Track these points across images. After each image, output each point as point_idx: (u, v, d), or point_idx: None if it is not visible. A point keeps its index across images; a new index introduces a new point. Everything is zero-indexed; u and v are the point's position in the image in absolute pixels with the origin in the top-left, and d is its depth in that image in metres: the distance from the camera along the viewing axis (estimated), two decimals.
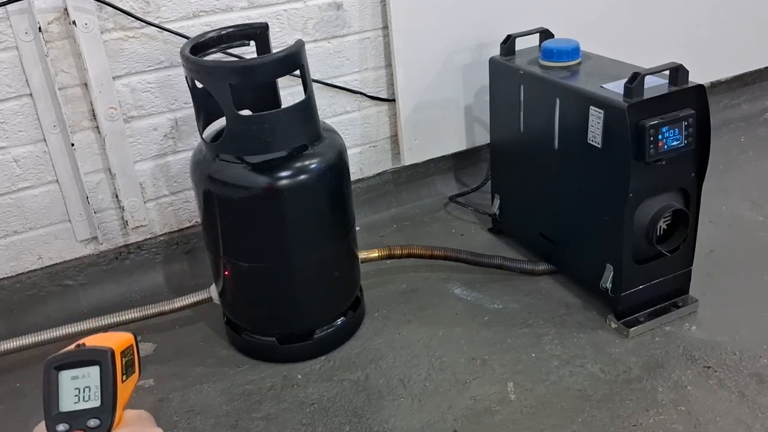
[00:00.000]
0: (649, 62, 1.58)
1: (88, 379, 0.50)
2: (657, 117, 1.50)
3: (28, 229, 1.82)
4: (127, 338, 0.55)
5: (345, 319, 1.72)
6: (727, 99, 2.78)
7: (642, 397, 1.49)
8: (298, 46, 1.48)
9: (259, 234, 1.54)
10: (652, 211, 1.60)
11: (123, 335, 0.56)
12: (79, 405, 0.49)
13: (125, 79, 1.78)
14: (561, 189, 1.79)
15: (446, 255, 1.91)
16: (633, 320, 1.68)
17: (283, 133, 1.49)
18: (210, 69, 1.45)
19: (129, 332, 0.58)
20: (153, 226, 1.96)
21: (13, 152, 1.73)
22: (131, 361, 0.53)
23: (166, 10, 1.77)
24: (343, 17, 2.00)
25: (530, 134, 1.85)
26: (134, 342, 0.55)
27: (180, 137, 1.90)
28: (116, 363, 0.51)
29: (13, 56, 1.65)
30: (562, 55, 1.77)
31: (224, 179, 1.51)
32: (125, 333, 0.56)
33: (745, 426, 1.41)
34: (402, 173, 2.30)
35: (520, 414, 1.48)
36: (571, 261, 1.86)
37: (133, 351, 0.54)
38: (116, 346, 0.52)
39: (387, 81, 2.14)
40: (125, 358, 0.52)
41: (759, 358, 1.57)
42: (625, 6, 2.31)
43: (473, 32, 2.11)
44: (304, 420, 1.50)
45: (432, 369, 1.62)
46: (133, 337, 0.55)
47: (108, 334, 0.56)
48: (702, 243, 1.79)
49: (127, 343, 0.54)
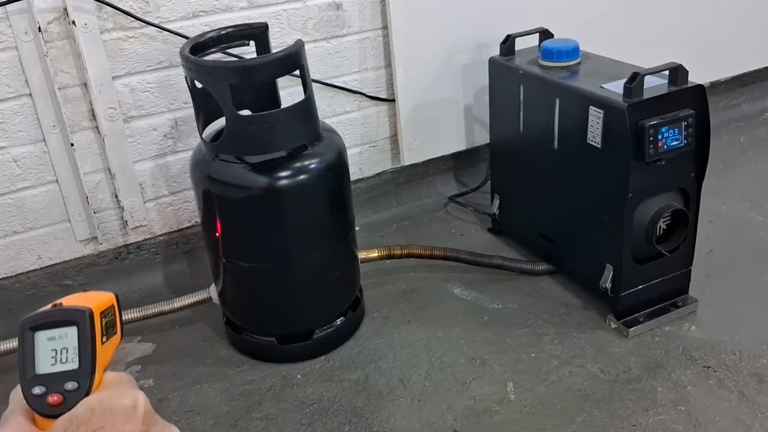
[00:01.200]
0: (649, 62, 1.58)
1: (65, 341, 0.48)
2: (657, 117, 1.50)
3: (28, 229, 1.82)
4: (108, 298, 0.52)
5: (345, 319, 1.72)
6: (727, 99, 2.78)
7: (642, 397, 1.49)
8: (298, 46, 1.48)
9: (259, 234, 1.54)
10: (651, 211, 1.60)
11: (103, 294, 0.53)
12: (56, 367, 0.47)
13: (125, 79, 1.78)
14: (561, 189, 1.79)
15: (446, 255, 1.91)
16: (633, 320, 1.68)
17: (282, 133, 1.49)
18: (210, 69, 1.45)
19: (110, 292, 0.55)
20: (152, 226, 1.96)
21: (13, 152, 1.73)
22: (112, 321, 0.50)
23: (166, 10, 1.77)
24: (343, 17, 2.00)
25: (530, 134, 1.85)
26: (115, 302, 0.52)
27: (180, 137, 1.90)
28: (95, 323, 0.49)
29: (13, 56, 1.65)
30: (561, 55, 1.77)
31: (224, 179, 1.51)
32: (106, 293, 0.53)
33: (745, 426, 1.41)
34: (402, 173, 2.30)
35: (519, 414, 1.48)
36: (570, 261, 1.86)
37: (115, 312, 0.51)
38: (95, 306, 0.50)
39: (387, 81, 2.14)
40: (105, 318, 0.50)
41: (759, 357, 1.58)
42: (625, 6, 2.32)
43: (473, 32, 2.11)
44: (304, 420, 1.50)
45: (432, 369, 1.62)
46: (115, 297, 0.52)
47: (87, 293, 0.53)
48: (701, 243, 1.79)
49: (108, 303, 0.51)
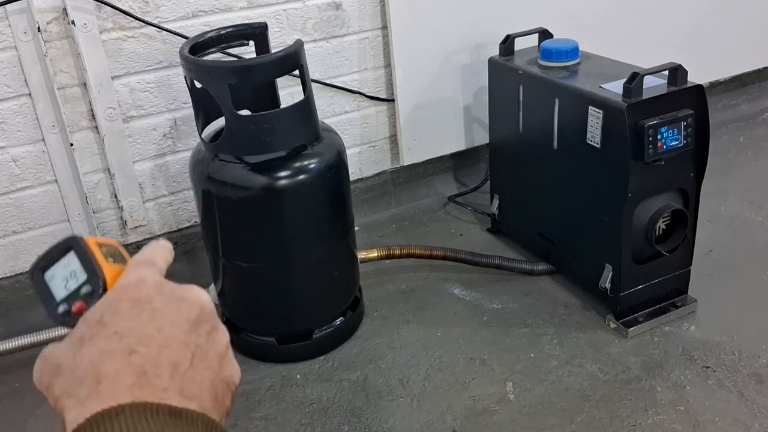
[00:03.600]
0: (648, 62, 1.58)
1: (69, 266, 0.51)
2: (656, 117, 1.50)
3: (27, 229, 1.82)
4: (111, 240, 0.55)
5: (344, 319, 1.72)
6: (726, 99, 2.78)
7: (641, 397, 1.49)
8: (297, 46, 1.48)
9: (259, 234, 1.54)
10: (651, 211, 1.60)
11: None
12: (70, 286, 0.50)
13: (124, 79, 1.78)
14: (560, 189, 1.79)
15: (445, 255, 1.91)
16: (632, 320, 1.68)
17: (282, 133, 1.49)
18: (209, 69, 1.45)
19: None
20: (152, 226, 1.96)
21: (12, 152, 1.73)
22: (114, 251, 0.53)
23: (165, 10, 1.77)
24: (342, 17, 2.00)
25: (529, 134, 1.85)
26: (116, 243, 0.55)
27: (179, 137, 1.90)
28: (87, 242, 0.51)
29: (12, 56, 1.65)
30: (561, 56, 1.77)
31: (223, 179, 1.51)
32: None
33: (744, 426, 1.41)
34: (401, 173, 2.30)
35: (519, 414, 1.48)
36: (570, 261, 1.86)
37: (117, 248, 0.54)
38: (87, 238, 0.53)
39: (386, 81, 2.14)
40: (104, 248, 0.52)
41: (758, 357, 1.58)
42: (624, 6, 2.32)
43: (472, 32, 2.11)
44: (303, 420, 1.50)
45: (431, 369, 1.62)
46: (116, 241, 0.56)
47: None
48: (701, 243, 1.79)
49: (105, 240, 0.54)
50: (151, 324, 0.45)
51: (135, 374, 0.42)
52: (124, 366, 0.42)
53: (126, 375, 0.42)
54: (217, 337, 0.48)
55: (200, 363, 0.45)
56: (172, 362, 0.44)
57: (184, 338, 0.45)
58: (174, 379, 0.43)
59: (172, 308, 0.46)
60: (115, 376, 0.42)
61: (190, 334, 0.46)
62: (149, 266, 0.50)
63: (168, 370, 0.43)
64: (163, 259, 0.53)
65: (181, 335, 0.45)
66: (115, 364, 0.42)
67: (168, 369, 0.43)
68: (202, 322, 0.47)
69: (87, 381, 0.42)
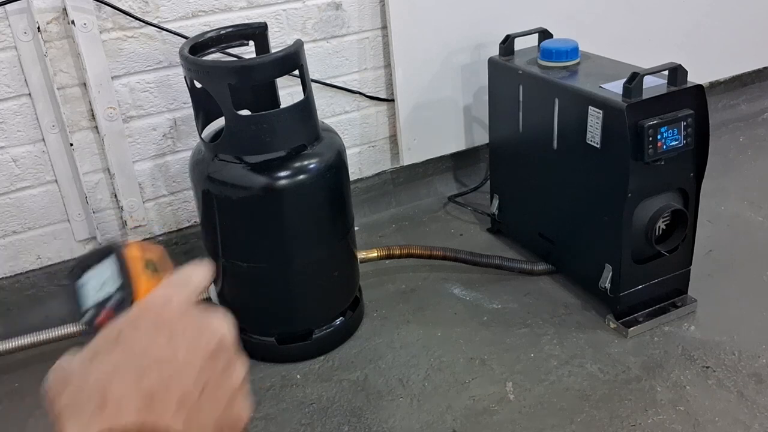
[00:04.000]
0: (648, 62, 1.58)
1: (105, 272, 0.50)
2: (656, 117, 1.50)
3: (27, 229, 1.82)
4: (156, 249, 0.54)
5: (344, 319, 1.72)
6: (726, 99, 2.78)
7: (641, 397, 1.49)
8: (297, 46, 1.48)
9: (258, 234, 1.54)
10: (650, 211, 1.60)
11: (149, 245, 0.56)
12: (101, 293, 0.49)
13: (124, 79, 1.78)
14: (560, 189, 1.79)
15: (445, 255, 1.91)
16: (632, 320, 1.68)
17: (282, 133, 1.49)
18: (209, 69, 1.45)
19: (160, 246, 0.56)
20: (152, 226, 1.96)
21: (12, 152, 1.73)
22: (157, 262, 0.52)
23: (165, 10, 1.77)
24: (342, 17, 2.00)
25: (529, 134, 1.85)
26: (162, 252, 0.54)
27: (179, 137, 1.90)
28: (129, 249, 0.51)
29: (12, 56, 1.65)
30: (561, 56, 1.77)
31: (223, 179, 1.51)
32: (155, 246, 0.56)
33: (744, 426, 1.41)
34: (401, 173, 2.30)
35: (519, 414, 1.48)
36: (570, 261, 1.86)
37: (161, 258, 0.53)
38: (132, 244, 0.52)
39: (386, 81, 2.14)
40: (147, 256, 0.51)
41: (758, 357, 1.58)
42: (624, 6, 2.32)
43: (472, 32, 2.11)
44: (303, 420, 1.50)
45: (431, 369, 1.62)
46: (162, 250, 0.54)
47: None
48: (701, 243, 1.79)
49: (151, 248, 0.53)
50: (168, 348, 0.44)
51: (142, 399, 0.41)
52: (132, 390, 0.42)
53: (133, 399, 0.41)
54: (233, 372, 0.47)
55: (209, 398, 0.44)
56: (181, 392, 0.43)
57: (198, 369, 0.44)
58: (180, 410, 0.42)
59: (191, 334, 0.45)
60: (120, 400, 0.41)
61: (205, 365, 0.45)
62: (181, 287, 0.49)
63: (176, 399, 0.42)
64: (199, 281, 0.51)
65: (196, 364, 0.44)
66: (123, 387, 0.42)
67: (176, 398, 0.42)
68: (220, 353, 0.46)
69: (93, 400, 0.41)
